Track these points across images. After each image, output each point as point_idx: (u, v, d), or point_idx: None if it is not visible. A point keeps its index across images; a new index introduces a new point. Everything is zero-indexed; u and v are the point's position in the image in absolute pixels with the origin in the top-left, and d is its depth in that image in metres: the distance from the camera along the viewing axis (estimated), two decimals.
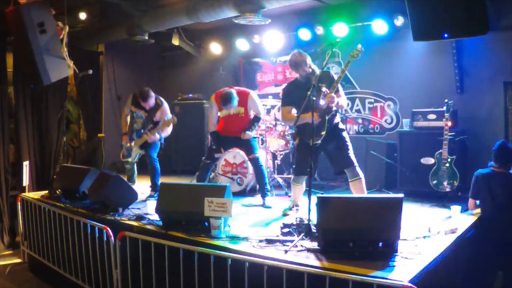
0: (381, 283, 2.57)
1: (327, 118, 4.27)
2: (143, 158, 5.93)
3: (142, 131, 5.70)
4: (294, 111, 4.51)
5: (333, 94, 4.22)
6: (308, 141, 4.06)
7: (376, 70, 6.64)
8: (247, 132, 5.29)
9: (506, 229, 4.01)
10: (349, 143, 4.43)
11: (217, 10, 5.76)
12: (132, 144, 5.76)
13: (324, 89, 4.24)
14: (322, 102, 4.25)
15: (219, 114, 5.45)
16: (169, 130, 5.77)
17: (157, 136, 5.66)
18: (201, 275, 3.29)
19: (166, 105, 5.74)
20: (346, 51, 6.35)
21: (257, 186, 5.69)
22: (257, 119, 5.39)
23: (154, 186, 5.71)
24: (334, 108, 4.33)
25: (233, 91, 5.23)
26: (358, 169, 4.37)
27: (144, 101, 5.55)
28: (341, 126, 4.54)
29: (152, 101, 5.62)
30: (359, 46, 4.25)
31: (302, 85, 4.37)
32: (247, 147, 5.37)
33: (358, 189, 4.36)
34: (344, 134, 4.48)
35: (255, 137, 5.51)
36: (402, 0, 4.28)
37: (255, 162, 5.31)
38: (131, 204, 4.68)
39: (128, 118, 5.89)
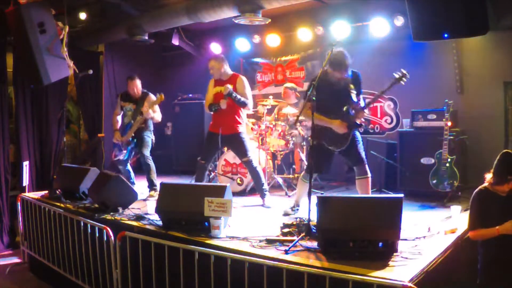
0: (381, 283, 2.57)
1: (351, 131, 4.26)
2: (138, 160, 5.94)
3: (132, 122, 5.79)
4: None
5: (366, 111, 4.23)
6: (328, 147, 4.18)
7: (376, 70, 6.62)
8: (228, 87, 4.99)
9: None
10: (360, 140, 4.42)
11: (217, 10, 5.76)
12: (124, 138, 5.81)
13: (358, 107, 4.21)
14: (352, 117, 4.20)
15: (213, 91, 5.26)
16: (158, 116, 5.86)
17: (150, 113, 5.71)
18: (201, 275, 3.29)
19: (152, 95, 5.92)
20: (346, 51, 6.33)
21: None
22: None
23: (152, 185, 5.71)
24: (363, 125, 4.32)
25: None
26: (367, 168, 4.38)
27: (131, 81, 5.89)
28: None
29: (138, 85, 5.92)
30: (403, 71, 4.09)
31: (332, 84, 4.23)
32: (239, 149, 5.24)
33: (364, 188, 4.36)
34: (357, 132, 4.44)
35: (245, 141, 5.27)
36: (402, 0, 4.27)
37: (249, 164, 5.20)
38: (131, 204, 4.68)
39: (119, 118, 6.01)
